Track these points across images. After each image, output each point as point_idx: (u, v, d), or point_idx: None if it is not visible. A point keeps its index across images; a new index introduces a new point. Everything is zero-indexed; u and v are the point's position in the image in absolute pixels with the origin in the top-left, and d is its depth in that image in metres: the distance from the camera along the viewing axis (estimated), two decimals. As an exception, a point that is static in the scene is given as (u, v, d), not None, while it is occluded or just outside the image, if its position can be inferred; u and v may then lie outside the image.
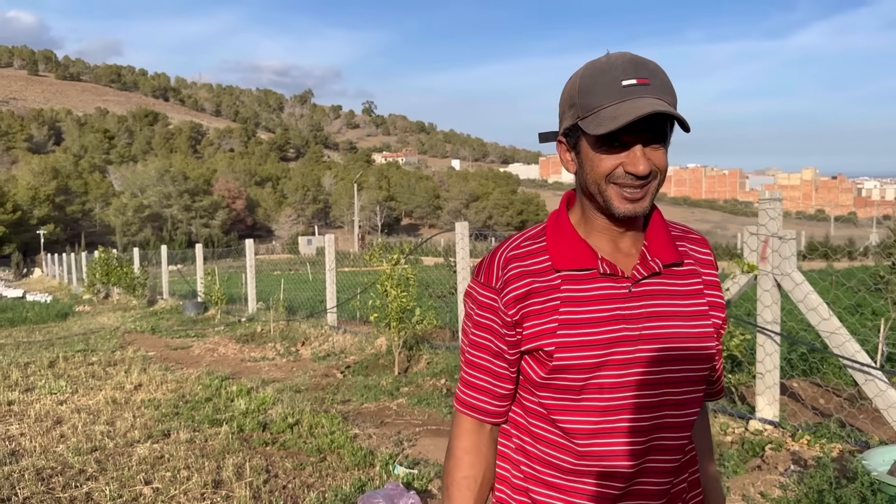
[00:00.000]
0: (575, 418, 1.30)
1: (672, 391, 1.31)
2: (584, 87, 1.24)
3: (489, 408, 1.39)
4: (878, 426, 4.82)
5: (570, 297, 1.29)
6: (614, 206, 1.25)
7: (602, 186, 1.25)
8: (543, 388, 1.32)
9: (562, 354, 1.27)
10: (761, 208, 4.93)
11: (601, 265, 1.29)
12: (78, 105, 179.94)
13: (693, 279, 1.36)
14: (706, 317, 1.35)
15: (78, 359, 9.53)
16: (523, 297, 1.30)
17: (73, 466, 4.82)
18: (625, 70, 1.21)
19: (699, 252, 1.41)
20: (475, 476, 1.39)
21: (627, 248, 1.33)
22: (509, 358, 1.35)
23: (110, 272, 20.72)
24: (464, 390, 1.41)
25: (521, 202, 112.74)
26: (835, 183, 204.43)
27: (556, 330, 1.28)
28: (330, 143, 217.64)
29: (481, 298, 1.36)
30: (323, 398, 6.81)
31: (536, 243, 1.35)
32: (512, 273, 1.32)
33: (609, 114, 1.20)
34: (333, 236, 12.40)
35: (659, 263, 1.31)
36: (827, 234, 71.13)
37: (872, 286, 7.15)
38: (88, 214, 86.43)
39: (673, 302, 1.32)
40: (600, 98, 1.21)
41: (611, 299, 1.29)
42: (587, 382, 1.28)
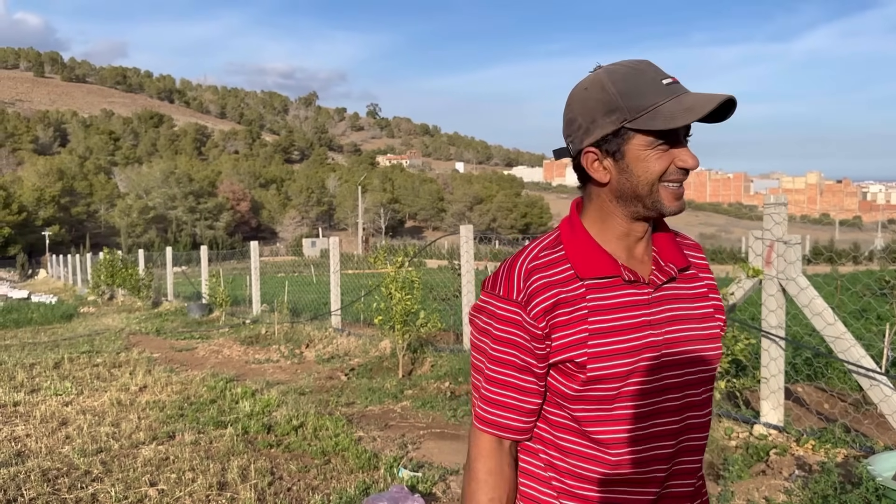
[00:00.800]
0: (608, 428, 1.29)
1: (694, 392, 1.34)
2: (625, 91, 1.24)
3: (517, 425, 1.34)
4: (884, 431, 4.81)
5: (597, 306, 1.28)
6: (665, 206, 1.27)
7: (655, 187, 1.27)
8: (577, 402, 1.30)
9: (595, 365, 1.27)
10: (766, 213, 4.93)
11: (625, 272, 1.30)
12: (83, 107, 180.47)
13: (698, 282, 1.40)
14: (713, 319, 1.38)
15: (83, 360, 9.55)
16: (551, 309, 1.28)
17: (79, 468, 4.84)
18: (656, 71, 1.26)
19: (696, 257, 1.44)
20: (500, 498, 1.34)
21: (641, 255, 1.34)
22: (538, 372, 1.31)
23: (115, 273, 20.77)
24: (486, 409, 1.34)
25: (525, 205, 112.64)
26: (840, 187, 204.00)
27: (587, 340, 1.27)
28: (334, 146, 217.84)
29: (502, 313, 1.31)
30: (327, 400, 6.82)
31: (555, 252, 1.33)
32: (536, 285, 1.29)
33: (673, 108, 1.21)
34: (338, 239, 12.41)
35: (674, 268, 1.35)
36: (832, 238, 70.96)
37: (878, 291, 7.14)
38: (93, 216, 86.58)
39: (687, 305, 1.36)
40: (651, 97, 1.23)
41: (636, 306, 1.30)
42: (620, 391, 1.28)
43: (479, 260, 16.53)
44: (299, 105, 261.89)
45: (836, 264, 20.79)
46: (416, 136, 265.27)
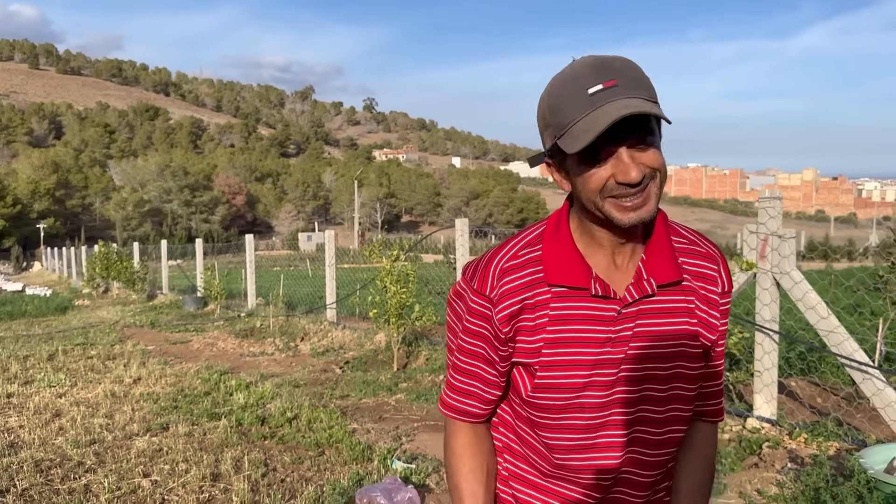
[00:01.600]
0: (555, 435, 1.31)
1: (652, 408, 1.30)
2: (552, 105, 1.18)
3: (476, 411, 1.38)
4: (876, 425, 4.83)
5: (559, 316, 1.25)
6: (616, 219, 1.18)
7: (598, 203, 1.18)
8: (528, 405, 1.32)
9: (545, 373, 1.26)
10: (761, 207, 4.94)
11: (594, 285, 1.24)
12: (79, 99, 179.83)
13: (687, 296, 1.30)
14: (695, 337, 1.30)
15: (77, 352, 9.53)
16: (517, 313, 1.27)
17: (72, 459, 4.83)
18: (587, 77, 1.14)
19: (703, 266, 1.33)
20: (479, 466, 1.38)
21: (624, 263, 1.27)
22: (501, 368, 1.33)
23: (110, 266, 20.72)
24: (451, 395, 1.40)
25: (522, 200, 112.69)
26: (835, 184, 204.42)
27: (542, 349, 1.26)
28: (330, 140, 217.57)
29: (473, 305, 1.31)
30: (322, 393, 6.83)
31: (533, 251, 1.29)
32: (507, 287, 1.27)
33: (581, 128, 1.13)
34: (333, 232, 12.40)
35: (653, 284, 1.26)
36: (827, 234, 71.15)
37: (871, 286, 7.16)
38: (88, 209, 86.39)
39: (663, 321, 1.27)
40: (570, 113, 1.14)
41: (599, 321, 1.25)
42: (570, 402, 1.27)
43: (474, 254, 16.55)
44: (295, 99, 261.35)
45: (830, 260, 20.84)
46: (412, 131, 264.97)
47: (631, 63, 1.18)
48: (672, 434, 1.33)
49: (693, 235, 1.37)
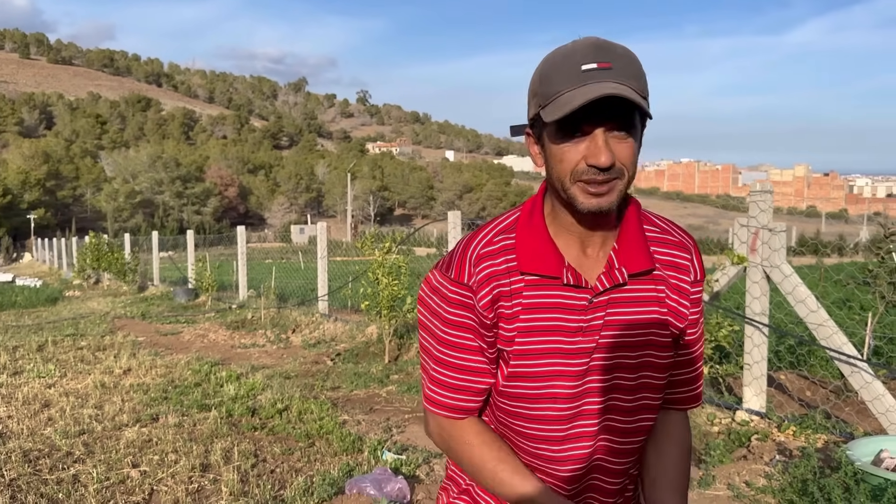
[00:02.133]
0: (531, 425, 1.31)
1: (622, 397, 1.30)
2: (544, 75, 1.18)
3: (467, 405, 1.34)
4: (864, 418, 4.86)
5: (531, 304, 1.25)
6: (578, 202, 1.18)
7: (566, 184, 1.18)
8: (502, 395, 1.32)
9: (518, 362, 1.27)
10: (752, 200, 4.95)
11: (566, 275, 1.24)
12: (70, 89, 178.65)
13: (657, 285, 1.30)
14: (664, 326, 1.30)
15: (67, 343, 9.50)
16: (497, 299, 1.26)
17: (61, 449, 4.81)
18: (585, 54, 1.14)
19: (674, 255, 1.33)
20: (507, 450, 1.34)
21: (595, 252, 1.27)
22: (490, 356, 1.31)
23: (101, 258, 20.63)
24: (436, 390, 1.34)
25: (515, 194, 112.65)
26: (827, 180, 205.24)
27: (515, 337, 1.26)
28: (324, 132, 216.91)
29: (453, 296, 1.29)
30: (312, 385, 6.82)
31: (507, 238, 1.28)
32: (484, 273, 1.26)
33: (564, 100, 1.13)
34: (326, 225, 12.37)
35: (624, 273, 1.26)
36: (818, 230, 71.47)
37: (861, 280, 7.20)
38: (79, 199, 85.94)
39: (633, 309, 1.28)
40: (559, 84, 1.15)
41: (571, 310, 1.25)
42: (543, 392, 1.28)
43: (467, 247, 16.45)
44: (289, 91, 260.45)
45: (821, 255, 20.93)
46: (406, 124, 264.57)
47: (632, 54, 1.18)
48: (642, 422, 1.34)
49: (666, 224, 1.37)
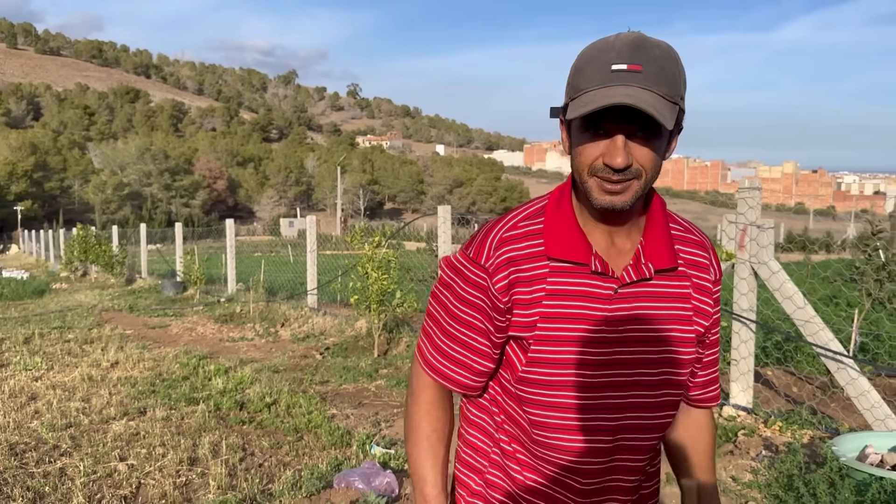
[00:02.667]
0: (546, 412, 1.29)
1: (644, 393, 1.30)
2: (578, 67, 1.20)
3: (466, 381, 1.37)
4: (849, 414, 4.90)
5: (555, 290, 1.25)
6: (593, 197, 1.20)
7: (584, 177, 1.21)
8: (520, 381, 1.31)
9: (539, 348, 1.26)
10: (740, 197, 4.97)
11: (594, 262, 1.25)
12: (57, 80, 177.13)
13: (682, 282, 1.32)
14: (689, 322, 1.31)
15: (54, 336, 9.44)
16: (514, 284, 1.27)
17: (48, 442, 4.79)
18: (619, 53, 1.15)
19: (697, 255, 1.35)
20: (441, 429, 1.41)
21: (622, 244, 1.28)
22: (494, 339, 1.32)
23: (88, 250, 20.50)
24: (438, 358, 1.37)
25: (505, 189, 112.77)
26: (815, 177, 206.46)
27: (537, 322, 1.26)
28: (313, 125, 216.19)
29: (469, 275, 1.31)
30: (301, 379, 6.81)
31: (534, 224, 1.30)
32: (504, 258, 1.27)
33: (587, 98, 1.14)
34: (315, 218, 12.34)
35: (651, 268, 1.27)
36: (806, 227, 71.92)
37: (848, 277, 7.25)
38: (67, 191, 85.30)
39: (657, 304, 1.29)
40: (587, 81, 1.16)
41: (596, 298, 1.25)
42: (562, 379, 1.27)
43: (457, 242, 16.55)
44: (278, 83, 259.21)
45: (808, 252, 21.07)
46: (396, 118, 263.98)
47: (672, 56, 1.17)
48: (662, 419, 1.34)
49: (687, 223, 1.40)
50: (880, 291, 5.89)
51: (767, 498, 3.68)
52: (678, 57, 1.19)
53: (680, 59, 1.19)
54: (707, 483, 1.48)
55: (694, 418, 1.49)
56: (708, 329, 1.37)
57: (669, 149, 1.25)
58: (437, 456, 1.40)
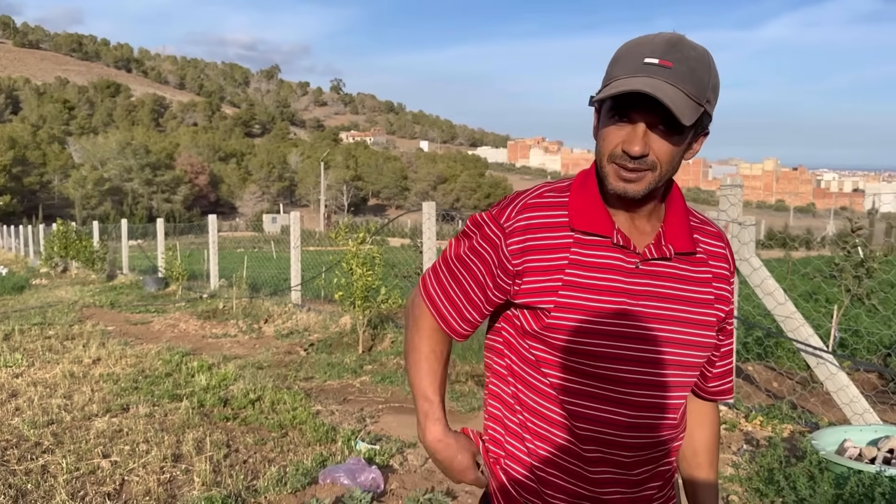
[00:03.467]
0: (563, 375, 1.32)
1: (662, 372, 1.32)
2: (616, 57, 1.26)
3: (453, 323, 1.43)
4: (829, 408, 4.97)
5: (578, 261, 1.30)
6: (609, 183, 1.26)
7: (603, 163, 1.27)
8: (536, 340, 1.33)
9: (559, 314, 1.29)
10: (722, 194, 5.02)
11: (616, 235, 1.30)
12: (37, 74, 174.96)
13: (702, 268, 1.37)
14: (710, 306, 1.36)
15: (34, 332, 9.35)
16: (532, 250, 1.31)
17: (29, 439, 4.75)
18: (654, 48, 1.21)
19: (713, 245, 1.41)
20: (441, 350, 1.46)
21: (643, 227, 1.34)
22: (490, 297, 1.37)
23: (69, 245, 20.29)
24: (438, 292, 1.44)
25: (489, 185, 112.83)
26: (795, 174, 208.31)
27: (559, 290, 1.29)
28: (297, 121, 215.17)
29: (487, 231, 1.37)
30: (286, 375, 6.80)
31: (560, 197, 1.35)
32: (524, 223, 1.33)
33: (615, 85, 1.20)
34: (299, 214, 12.29)
35: (671, 249, 1.32)
36: (786, 223, 72.58)
37: (827, 274, 7.34)
38: (46, 186, 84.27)
39: (678, 286, 1.33)
40: (620, 70, 1.22)
41: (618, 271, 1.30)
42: (578, 346, 1.29)
43: (441, 239, 16.57)
44: (261, 78, 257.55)
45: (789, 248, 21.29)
46: (380, 114, 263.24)
47: (705, 60, 1.22)
48: (679, 400, 1.36)
49: (702, 217, 1.46)
50: (859, 288, 5.98)
51: (748, 491, 3.74)
52: (712, 62, 1.24)
53: (714, 66, 1.24)
54: (708, 479, 1.51)
55: (701, 411, 1.52)
56: (728, 314, 1.41)
57: (692, 150, 1.30)
58: (435, 373, 1.45)
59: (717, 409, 1.56)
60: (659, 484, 1.41)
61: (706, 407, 1.53)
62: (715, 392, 1.50)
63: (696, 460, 1.51)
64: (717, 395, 1.51)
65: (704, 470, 1.51)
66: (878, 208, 19.35)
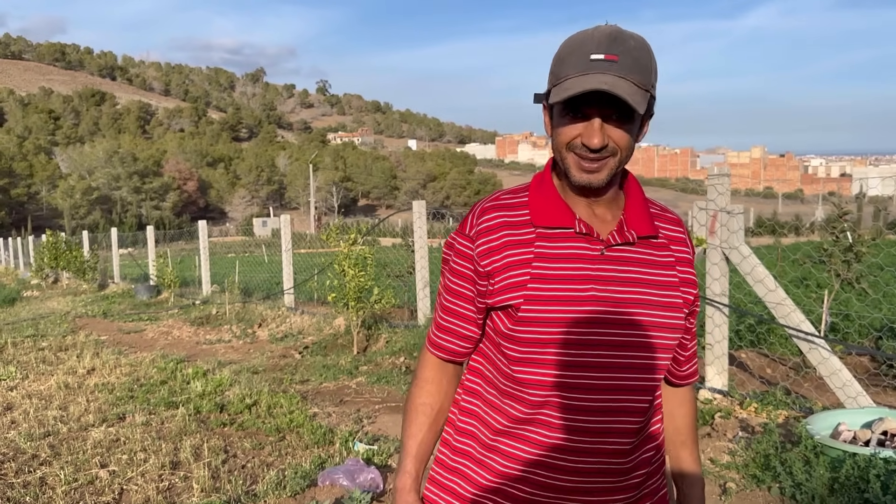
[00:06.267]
0: (533, 370, 1.33)
1: (635, 354, 1.33)
2: (560, 56, 1.29)
3: (456, 348, 1.48)
4: (822, 393, 5.01)
5: (543, 253, 1.33)
6: (571, 174, 1.30)
7: (563, 154, 1.31)
8: (509, 339, 1.35)
9: (529, 307, 1.31)
10: (710, 184, 5.04)
11: (578, 225, 1.34)
12: (21, 84, 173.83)
13: (664, 252, 1.40)
14: (675, 288, 1.38)
15: (27, 344, 9.30)
16: (497, 250, 1.35)
17: (26, 452, 4.73)
18: (598, 44, 1.24)
19: (673, 230, 1.45)
20: (432, 404, 1.49)
21: (603, 215, 1.37)
22: (478, 305, 1.41)
23: (59, 256, 20.19)
24: (437, 333, 1.50)
25: (479, 182, 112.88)
26: (782, 161, 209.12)
27: (527, 283, 1.32)
28: (284, 123, 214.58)
29: (458, 247, 1.43)
30: (281, 379, 6.79)
31: (517, 198, 1.41)
32: (485, 225, 1.38)
33: (567, 85, 1.24)
34: (289, 217, 12.28)
35: (634, 234, 1.36)
36: (775, 210, 72.92)
37: (817, 259, 7.39)
38: (34, 197, 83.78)
39: (644, 270, 1.36)
40: (568, 69, 1.26)
41: (583, 259, 1.33)
42: (551, 337, 1.31)
43: (432, 237, 16.55)
44: (246, 81, 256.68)
45: (778, 235, 21.39)
46: (367, 114, 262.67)
47: (645, 48, 1.27)
48: (654, 383, 1.38)
49: (660, 205, 1.50)
50: (848, 272, 6.01)
51: (745, 478, 3.76)
52: (650, 48, 1.29)
53: (652, 51, 1.30)
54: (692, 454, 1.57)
55: (679, 393, 1.57)
56: (696, 297, 1.44)
57: (642, 132, 1.35)
58: (419, 426, 1.48)
59: (692, 389, 1.61)
60: (646, 471, 1.42)
61: (682, 390, 1.58)
62: (687, 375, 1.55)
63: (679, 438, 1.56)
64: (688, 379, 1.55)
65: (689, 447, 1.57)
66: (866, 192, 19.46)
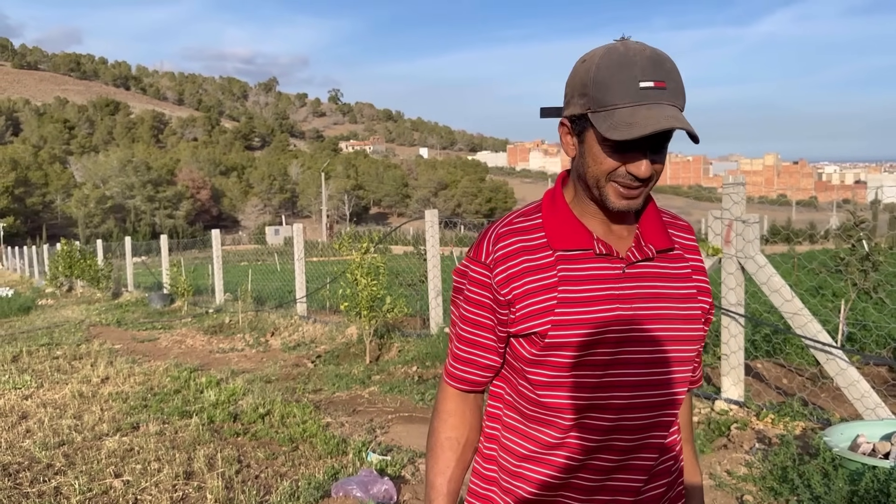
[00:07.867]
0: (561, 394, 1.32)
1: (661, 370, 1.33)
2: (599, 80, 1.22)
3: (477, 378, 1.43)
4: (839, 404, 4.95)
5: (567, 277, 1.31)
6: (610, 202, 1.27)
7: (601, 182, 1.27)
8: (535, 365, 1.33)
9: (557, 332, 1.29)
10: (725, 193, 5.01)
11: (597, 245, 1.32)
12: (36, 94, 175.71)
13: (681, 263, 1.39)
14: (694, 299, 1.38)
15: (42, 353, 9.36)
16: (518, 276, 1.32)
17: (41, 461, 4.75)
18: (643, 70, 1.20)
19: (686, 238, 1.44)
20: (458, 437, 1.45)
21: (620, 231, 1.35)
22: (499, 334, 1.38)
23: (73, 265, 20.35)
24: (454, 364, 1.45)
25: (490, 190, 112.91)
26: (796, 168, 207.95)
27: (555, 308, 1.30)
28: (296, 132, 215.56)
29: (473, 274, 1.38)
30: (294, 388, 6.79)
31: (530, 220, 1.37)
32: (503, 252, 1.34)
33: (624, 118, 1.19)
34: (301, 226, 12.31)
35: (652, 249, 1.34)
36: (789, 218, 72.50)
37: (833, 268, 7.32)
38: (49, 206, 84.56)
39: (664, 284, 1.35)
40: (616, 97, 1.20)
41: (606, 279, 1.31)
42: (579, 360, 1.30)
43: (444, 245, 16.53)
44: (259, 91, 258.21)
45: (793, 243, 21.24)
46: (378, 122, 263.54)
47: (676, 68, 1.25)
48: (679, 396, 1.37)
49: (670, 213, 1.48)
50: (865, 281, 5.96)
51: (763, 490, 3.72)
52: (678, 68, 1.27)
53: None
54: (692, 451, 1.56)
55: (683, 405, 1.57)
56: (711, 305, 1.43)
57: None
58: (446, 461, 1.44)
59: (689, 399, 1.60)
60: (667, 481, 1.42)
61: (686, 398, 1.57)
62: (696, 380, 1.54)
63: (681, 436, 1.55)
64: (695, 384, 1.54)
65: (688, 444, 1.56)
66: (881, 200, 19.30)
